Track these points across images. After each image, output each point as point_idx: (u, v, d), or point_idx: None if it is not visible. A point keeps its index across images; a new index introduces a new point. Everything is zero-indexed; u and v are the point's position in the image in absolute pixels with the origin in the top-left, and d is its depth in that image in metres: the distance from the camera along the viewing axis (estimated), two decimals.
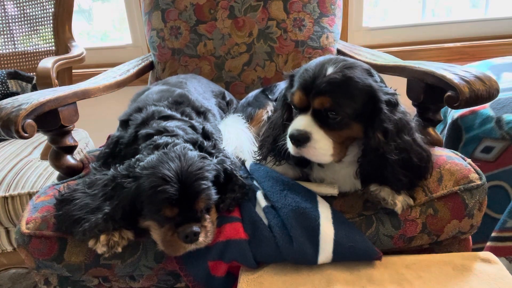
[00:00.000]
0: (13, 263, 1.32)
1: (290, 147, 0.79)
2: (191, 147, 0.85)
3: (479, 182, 0.84)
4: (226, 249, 0.79)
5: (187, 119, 1.00)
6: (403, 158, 0.76)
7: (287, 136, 0.79)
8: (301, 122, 0.77)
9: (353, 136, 0.79)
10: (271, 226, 0.80)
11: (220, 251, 0.79)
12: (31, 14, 1.75)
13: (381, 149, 0.75)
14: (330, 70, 0.75)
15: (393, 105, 0.77)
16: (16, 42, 1.78)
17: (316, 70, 0.76)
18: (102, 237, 0.77)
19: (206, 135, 0.96)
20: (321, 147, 0.76)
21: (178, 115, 0.99)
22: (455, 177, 0.84)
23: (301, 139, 0.76)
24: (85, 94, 1.05)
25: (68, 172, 1.05)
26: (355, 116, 0.76)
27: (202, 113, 1.07)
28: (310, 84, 0.76)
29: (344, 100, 0.75)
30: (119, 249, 0.78)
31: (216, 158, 0.86)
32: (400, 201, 0.79)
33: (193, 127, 0.97)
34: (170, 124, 0.93)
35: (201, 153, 0.83)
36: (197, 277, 0.81)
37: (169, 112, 0.99)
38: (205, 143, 0.90)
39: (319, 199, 0.83)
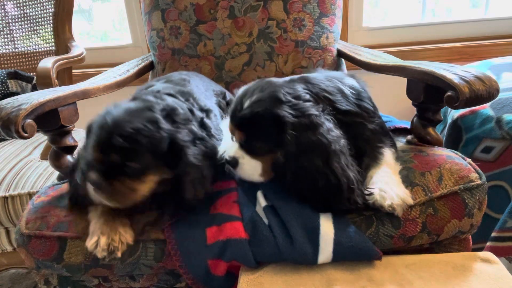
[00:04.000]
0: (13, 263, 1.32)
1: (227, 166, 0.87)
2: (157, 108, 0.81)
3: (479, 181, 0.84)
4: (226, 248, 0.79)
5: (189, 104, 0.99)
6: (304, 179, 0.78)
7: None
8: (232, 149, 0.86)
9: (277, 159, 0.82)
10: (271, 226, 0.80)
11: (220, 250, 0.79)
12: (31, 14, 1.75)
13: (280, 168, 0.80)
14: (245, 105, 0.81)
15: (305, 127, 0.77)
16: (16, 42, 1.78)
17: (237, 103, 0.83)
18: (103, 241, 0.77)
19: (202, 124, 0.95)
20: (248, 169, 0.85)
21: (183, 99, 0.99)
22: (455, 177, 0.85)
23: (231, 164, 0.85)
24: (85, 94, 1.05)
25: (68, 172, 1.05)
26: (273, 144, 0.80)
27: (205, 111, 1.07)
28: (232, 118, 0.85)
29: (256, 134, 0.82)
30: (119, 254, 0.78)
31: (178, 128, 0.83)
32: (399, 205, 0.79)
33: (191, 111, 0.94)
34: (169, 99, 0.91)
35: (156, 116, 0.79)
36: (197, 275, 0.81)
37: (172, 93, 0.97)
38: (181, 114, 0.87)
39: None
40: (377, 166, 0.85)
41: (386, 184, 0.80)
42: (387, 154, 0.88)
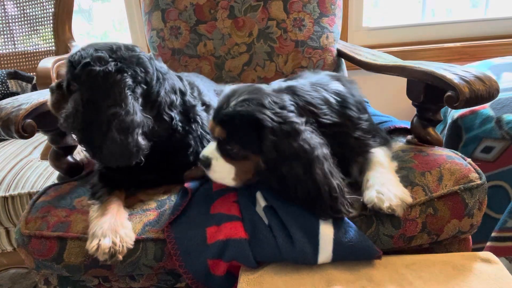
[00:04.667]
0: (13, 263, 1.32)
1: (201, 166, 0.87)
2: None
3: (479, 181, 0.84)
4: (226, 248, 0.79)
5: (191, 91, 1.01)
6: (286, 187, 0.78)
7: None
8: (208, 149, 0.86)
9: (257, 166, 0.81)
10: (271, 226, 0.80)
11: (220, 249, 0.79)
12: (31, 14, 1.75)
13: (262, 175, 0.80)
14: (231, 103, 0.80)
15: (286, 133, 0.76)
16: (16, 42, 1.78)
17: (223, 101, 0.82)
18: (104, 244, 0.77)
19: (187, 108, 0.96)
20: (220, 171, 0.85)
21: (188, 86, 1.01)
22: (455, 177, 0.84)
23: (204, 164, 0.86)
24: None
25: (68, 172, 1.05)
26: (251, 148, 0.80)
27: (206, 106, 1.08)
28: (215, 114, 0.83)
29: (235, 135, 0.80)
30: (120, 257, 0.78)
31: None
32: (398, 206, 0.78)
33: (181, 92, 0.96)
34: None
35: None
36: (197, 275, 0.81)
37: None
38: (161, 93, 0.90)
39: None
40: (370, 169, 0.85)
41: (383, 185, 0.80)
42: (378, 154, 0.88)
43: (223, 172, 0.84)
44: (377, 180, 0.81)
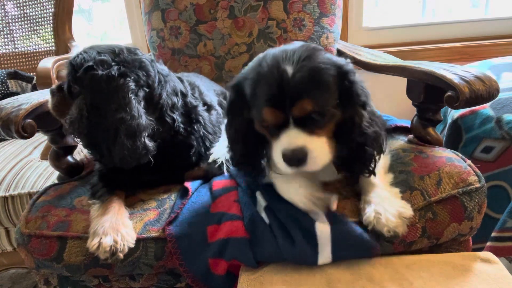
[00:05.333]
0: (13, 263, 1.32)
1: (284, 167, 0.71)
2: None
3: (477, 185, 0.83)
4: (227, 246, 0.79)
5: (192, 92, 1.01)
6: (368, 126, 0.74)
7: (280, 158, 0.70)
8: (292, 140, 0.69)
9: (336, 124, 0.73)
10: (272, 226, 0.80)
11: (221, 248, 0.79)
12: (31, 14, 1.75)
13: (362, 125, 0.72)
14: (290, 70, 0.67)
15: (354, 74, 0.75)
16: (16, 42, 1.78)
17: (275, 76, 0.68)
18: (105, 243, 0.77)
19: (188, 109, 0.96)
20: (320, 154, 0.70)
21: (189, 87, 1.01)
22: (454, 180, 0.84)
23: (301, 157, 0.68)
24: None
25: (68, 172, 1.05)
26: (338, 103, 0.72)
27: (207, 105, 1.08)
28: (280, 95, 0.67)
29: (324, 94, 0.69)
30: (121, 256, 0.78)
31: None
32: (398, 226, 0.76)
33: (183, 94, 0.96)
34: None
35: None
36: (197, 274, 0.81)
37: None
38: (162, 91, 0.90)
39: None
40: (366, 186, 0.83)
41: (379, 205, 0.78)
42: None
43: (322, 152, 0.69)
44: (373, 197, 0.79)
